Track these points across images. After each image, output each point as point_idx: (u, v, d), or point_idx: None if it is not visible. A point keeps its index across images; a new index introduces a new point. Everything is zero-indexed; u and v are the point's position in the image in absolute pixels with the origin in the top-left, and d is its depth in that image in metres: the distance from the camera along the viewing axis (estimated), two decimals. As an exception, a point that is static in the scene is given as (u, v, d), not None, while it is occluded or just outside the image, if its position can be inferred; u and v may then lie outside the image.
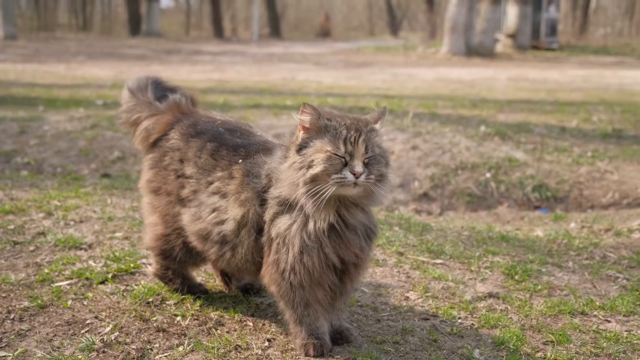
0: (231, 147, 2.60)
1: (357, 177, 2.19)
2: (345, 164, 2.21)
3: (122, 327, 2.63)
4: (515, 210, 5.78)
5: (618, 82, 13.93)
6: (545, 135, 7.41)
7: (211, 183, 2.56)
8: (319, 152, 2.22)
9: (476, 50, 20.62)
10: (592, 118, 8.63)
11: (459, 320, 2.83)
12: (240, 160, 2.53)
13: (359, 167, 2.20)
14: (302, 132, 2.29)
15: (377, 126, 2.34)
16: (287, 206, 2.32)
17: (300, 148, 2.27)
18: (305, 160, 2.23)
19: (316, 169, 2.20)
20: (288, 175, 2.27)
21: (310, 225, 2.26)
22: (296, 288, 2.34)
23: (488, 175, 6.27)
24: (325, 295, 2.39)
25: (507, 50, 22.26)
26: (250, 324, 2.70)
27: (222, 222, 2.51)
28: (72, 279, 3.02)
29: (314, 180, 2.21)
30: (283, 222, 2.31)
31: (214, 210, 2.53)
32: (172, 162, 2.72)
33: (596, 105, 9.74)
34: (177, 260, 2.80)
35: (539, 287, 3.22)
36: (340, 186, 2.19)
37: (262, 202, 2.40)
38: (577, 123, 8.27)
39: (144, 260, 3.24)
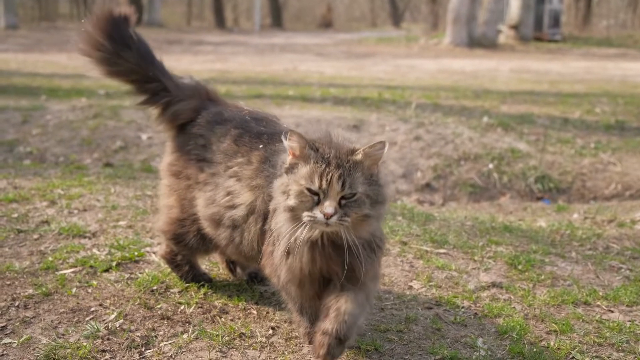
0: (255, 134, 2.57)
1: (327, 219, 2.04)
2: (318, 202, 2.07)
3: (126, 315, 2.63)
4: (518, 201, 5.78)
5: (621, 74, 13.89)
6: (548, 127, 7.40)
7: (230, 168, 2.54)
8: (295, 184, 2.10)
9: (479, 41, 20.55)
10: (595, 110, 8.61)
11: (463, 310, 2.83)
12: (261, 146, 2.50)
13: (329, 208, 2.04)
14: (291, 156, 2.18)
15: (359, 158, 2.10)
16: None
17: (288, 171, 2.17)
18: (287, 187, 2.13)
19: (290, 202, 2.10)
20: (276, 193, 2.20)
21: (298, 232, 2.11)
22: (288, 283, 2.31)
23: (491, 166, 6.27)
24: (319, 292, 2.32)
25: (509, 41, 22.19)
26: (254, 312, 2.71)
27: (234, 207, 2.49)
28: (76, 267, 3.03)
29: (292, 210, 2.11)
30: (281, 217, 2.21)
31: (228, 194, 2.51)
32: (196, 147, 2.69)
33: (599, 97, 9.71)
34: (188, 246, 2.78)
35: (542, 277, 3.23)
36: (313, 223, 2.07)
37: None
38: (580, 115, 8.25)
39: (147, 249, 3.25)
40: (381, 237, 2.34)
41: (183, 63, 14.15)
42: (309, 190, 2.08)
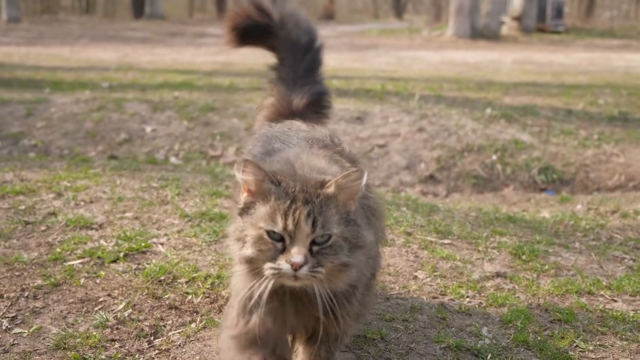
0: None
1: (295, 270, 1.64)
2: (283, 249, 1.67)
3: (134, 305, 2.66)
4: (522, 193, 5.80)
5: (624, 65, 13.85)
6: (552, 118, 7.40)
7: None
8: (253, 227, 1.70)
9: (481, 33, 20.51)
10: (598, 101, 8.61)
11: (467, 299, 2.86)
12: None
13: (298, 256, 1.63)
14: (245, 193, 1.78)
15: (332, 191, 1.71)
16: None
17: (243, 212, 1.77)
18: (242, 232, 1.73)
19: (247, 251, 1.70)
20: (230, 241, 1.80)
21: (260, 289, 1.70)
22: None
23: (494, 157, 6.28)
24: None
25: (512, 33, 22.13)
26: (261, 302, 2.73)
27: None
28: (84, 258, 3.06)
29: (249, 262, 1.72)
30: (236, 271, 1.85)
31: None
32: None
33: (602, 88, 9.70)
34: None
35: (546, 267, 3.25)
36: (278, 277, 1.67)
37: None
38: (583, 106, 8.25)
39: (154, 240, 3.28)
40: (365, 285, 1.94)
41: (186, 55, 14.15)
42: (271, 234, 1.68)
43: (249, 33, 2.78)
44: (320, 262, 1.66)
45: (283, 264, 1.65)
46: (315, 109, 2.63)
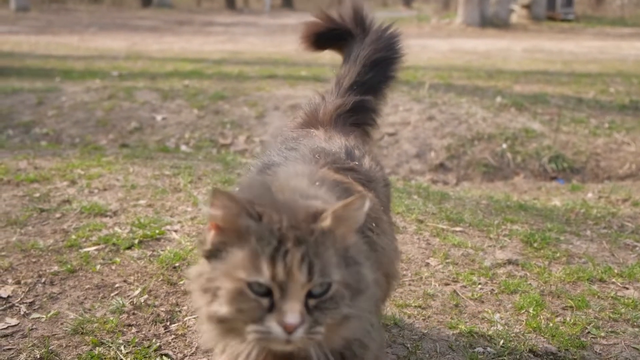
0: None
1: (289, 333, 1.26)
2: (272, 306, 1.28)
3: (150, 291, 2.69)
4: (532, 181, 5.80)
5: (635, 54, 13.75)
6: (562, 107, 7.38)
7: None
8: (228, 278, 1.30)
9: (491, 21, 20.39)
10: (609, 89, 8.56)
11: (480, 286, 2.87)
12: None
13: (292, 316, 1.26)
14: (213, 231, 1.37)
15: (328, 224, 1.32)
16: None
17: (210, 255, 1.36)
18: (211, 282, 1.32)
19: (220, 310, 1.30)
20: (192, 287, 1.39)
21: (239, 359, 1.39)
22: None
23: (504, 146, 6.27)
24: None
25: (522, 21, 21.99)
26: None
27: None
28: (99, 244, 3.09)
29: (224, 322, 1.32)
30: (204, 332, 1.46)
31: None
32: None
33: (613, 77, 9.64)
34: None
35: (558, 254, 3.26)
36: (265, 342, 1.29)
37: None
38: (594, 94, 8.21)
39: (168, 227, 3.31)
40: (368, 337, 1.52)
41: (194, 44, 14.15)
42: (254, 287, 1.28)
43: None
44: (319, 319, 1.29)
45: (273, 326, 1.26)
46: (352, 119, 2.32)
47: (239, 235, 1.32)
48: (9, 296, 2.63)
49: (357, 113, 2.33)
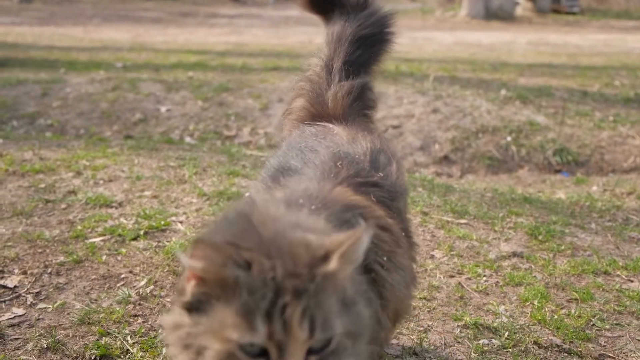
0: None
1: None
2: None
3: (156, 281, 2.71)
4: (537, 174, 5.79)
5: (640, 46, 13.69)
6: (567, 100, 7.35)
7: None
8: (216, 338, 1.14)
9: (495, 13, 20.31)
10: (614, 82, 8.53)
11: (484, 278, 2.88)
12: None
13: None
14: (193, 281, 1.20)
15: (334, 267, 1.15)
16: None
17: (191, 308, 1.20)
18: (194, 337, 1.17)
19: None
20: (171, 339, 1.22)
21: None
22: None
23: (509, 138, 6.26)
24: None
25: (527, 13, 21.89)
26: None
27: None
28: (105, 235, 3.10)
29: None
30: None
31: None
32: None
33: (618, 70, 9.60)
34: None
35: (563, 247, 3.26)
36: None
37: None
38: (599, 87, 8.18)
39: (173, 218, 3.31)
40: None
41: (199, 35, 14.12)
42: (247, 348, 1.12)
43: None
44: None
45: None
46: (360, 106, 2.16)
47: (225, 287, 1.14)
48: (15, 286, 2.65)
49: (362, 98, 2.17)
